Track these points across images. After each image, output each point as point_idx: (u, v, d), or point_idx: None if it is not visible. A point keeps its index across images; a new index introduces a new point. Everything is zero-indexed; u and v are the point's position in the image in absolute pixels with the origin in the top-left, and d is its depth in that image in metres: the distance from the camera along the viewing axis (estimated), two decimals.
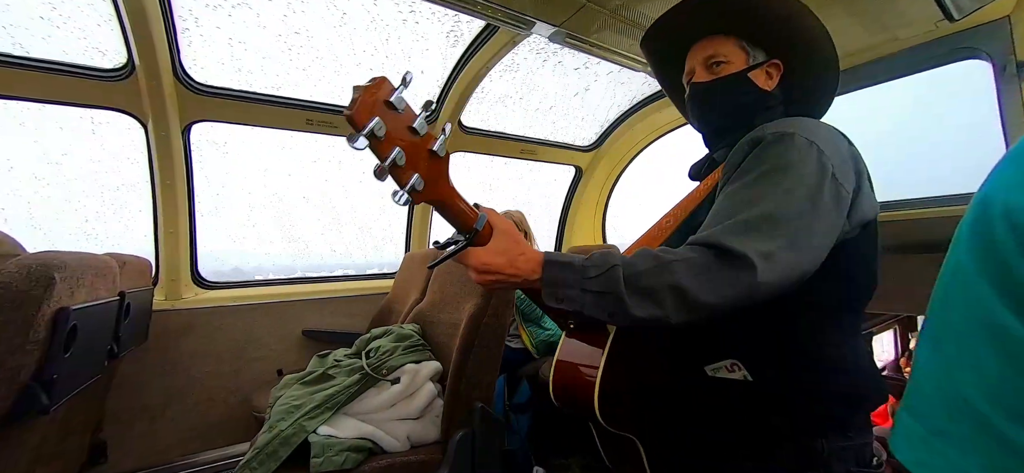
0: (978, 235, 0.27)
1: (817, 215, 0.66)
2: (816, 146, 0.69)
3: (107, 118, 1.73)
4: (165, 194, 1.85)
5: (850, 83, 1.73)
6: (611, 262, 0.67)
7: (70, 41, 1.50)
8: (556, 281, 0.68)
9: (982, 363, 0.26)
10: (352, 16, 1.61)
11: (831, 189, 0.68)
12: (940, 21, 1.38)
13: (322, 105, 2.01)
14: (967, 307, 0.27)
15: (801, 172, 0.68)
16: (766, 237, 0.64)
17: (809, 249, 0.66)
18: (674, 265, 0.64)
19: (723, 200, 0.71)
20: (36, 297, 0.93)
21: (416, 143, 0.61)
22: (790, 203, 0.66)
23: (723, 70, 0.87)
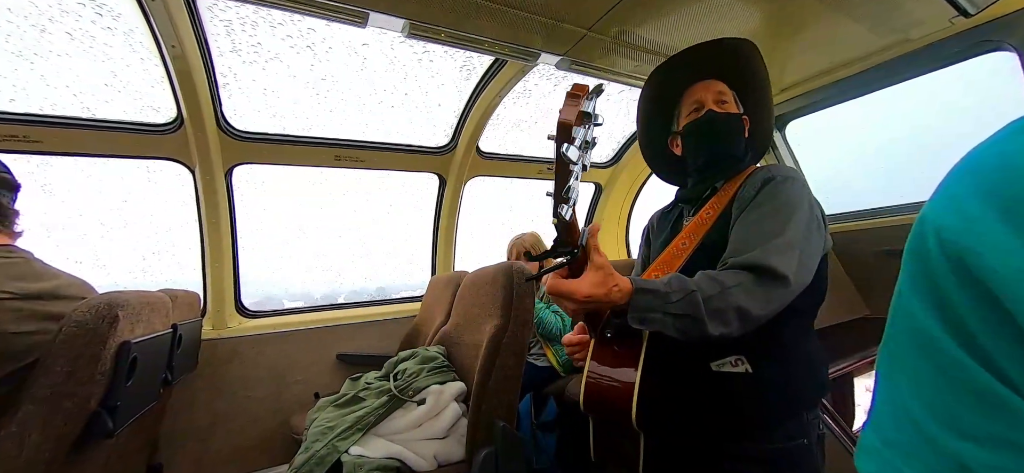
0: (913, 253, 0.28)
1: (813, 241, 0.85)
2: (808, 188, 0.91)
3: (160, 167, 1.93)
4: (211, 232, 2.02)
5: (862, 87, 1.70)
6: (689, 287, 0.77)
7: (128, 102, 1.69)
8: (643, 306, 0.77)
9: (919, 375, 0.27)
10: (372, 60, 1.73)
11: (817, 223, 0.87)
12: (954, 18, 1.35)
13: (348, 142, 2.15)
14: (906, 322, 0.28)
15: (803, 208, 0.86)
16: (792, 258, 0.80)
17: (808, 270, 0.83)
18: (734, 290, 0.77)
19: (748, 226, 0.86)
20: (103, 333, 1.05)
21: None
22: (799, 231, 0.83)
23: (729, 108, 1.01)
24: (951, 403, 0.25)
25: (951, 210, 0.26)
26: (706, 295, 0.76)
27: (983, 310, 0.23)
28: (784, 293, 0.78)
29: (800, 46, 1.56)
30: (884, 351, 0.32)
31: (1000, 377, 0.23)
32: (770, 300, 0.78)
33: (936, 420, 0.26)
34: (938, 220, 0.26)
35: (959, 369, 0.25)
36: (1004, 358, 0.23)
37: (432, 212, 2.60)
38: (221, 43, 1.55)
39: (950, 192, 0.27)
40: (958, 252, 0.24)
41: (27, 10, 1.31)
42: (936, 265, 0.26)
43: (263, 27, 1.50)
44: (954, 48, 1.46)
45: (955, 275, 0.25)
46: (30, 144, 1.59)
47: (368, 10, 1.23)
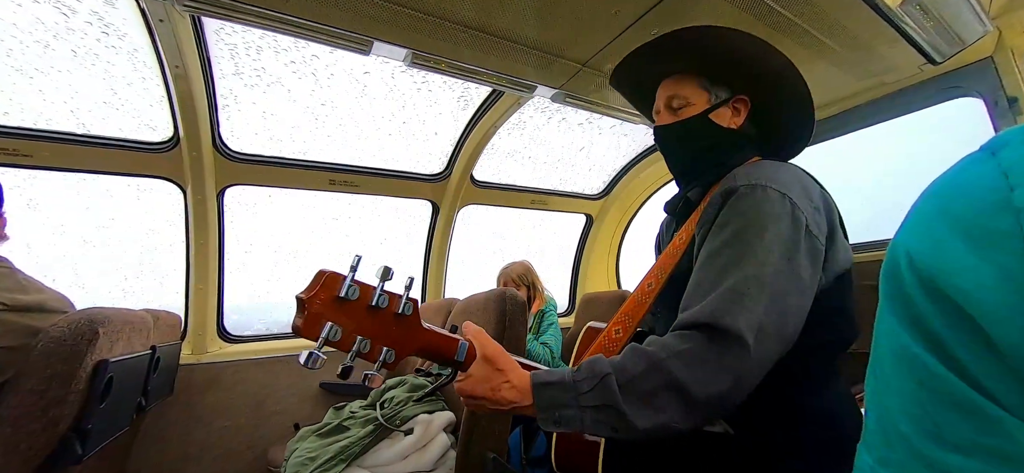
0: (888, 276, 0.30)
1: (796, 274, 0.65)
2: (789, 199, 0.68)
3: (151, 185, 1.91)
4: (198, 253, 1.98)
5: (842, 127, 1.79)
6: (601, 371, 0.63)
7: (126, 120, 1.69)
8: (550, 403, 0.64)
9: (903, 392, 0.28)
10: (372, 88, 1.77)
11: (807, 245, 0.66)
12: (924, 65, 1.45)
13: (344, 166, 2.16)
14: (887, 341, 0.30)
15: (776, 228, 0.66)
16: (749, 310, 0.61)
17: (791, 312, 0.63)
18: (668, 363, 0.61)
19: (703, 266, 0.69)
20: (81, 351, 1.01)
21: (379, 318, 0.61)
22: (768, 265, 0.64)
23: (685, 112, 0.86)
24: (935, 416, 0.26)
25: (920, 235, 0.28)
26: (630, 376, 0.61)
27: (955, 325, 0.25)
28: (746, 362, 0.60)
29: None
30: (871, 373, 0.33)
31: (976, 387, 0.24)
32: (723, 373, 0.60)
33: (923, 434, 0.27)
34: (908, 245, 0.29)
35: (939, 382, 0.26)
36: (978, 368, 0.24)
37: (424, 239, 2.60)
38: (224, 66, 1.58)
39: (918, 218, 0.29)
40: (929, 273, 0.26)
41: (32, 26, 1.32)
42: (909, 286, 0.28)
43: (268, 52, 1.54)
44: (925, 93, 1.56)
45: (928, 295, 0.26)
46: (20, 158, 1.57)
47: (373, 39, 1.28)
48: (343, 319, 0.56)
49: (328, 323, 0.55)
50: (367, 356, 0.60)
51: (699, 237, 0.75)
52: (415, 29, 1.25)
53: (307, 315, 0.54)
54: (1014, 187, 0.24)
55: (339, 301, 0.57)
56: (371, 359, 0.60)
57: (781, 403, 0.71)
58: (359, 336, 0.58)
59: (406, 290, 0.64)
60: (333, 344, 0.56)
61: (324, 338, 0.54)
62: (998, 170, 0.25)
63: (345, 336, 0.56)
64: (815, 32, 1.28)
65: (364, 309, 0.59)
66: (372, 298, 0.60)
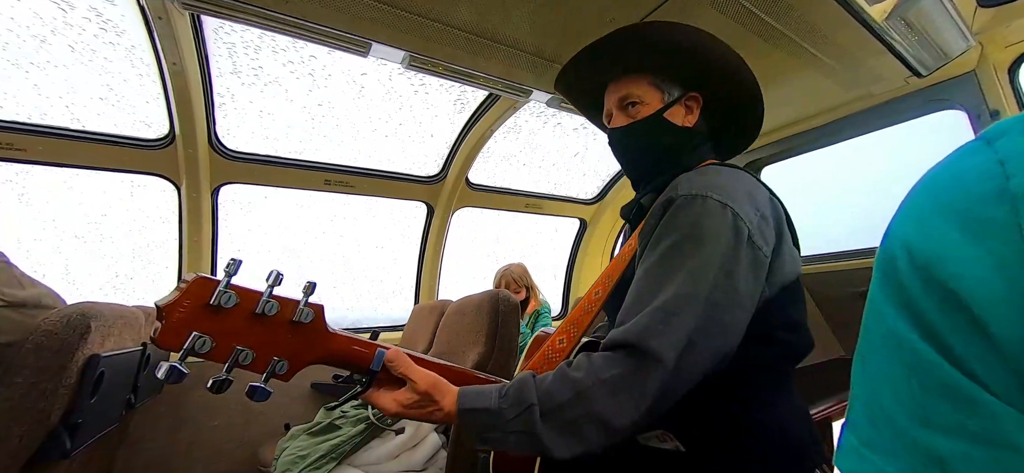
0: (882, 264, 0.31)
1: (734, 288, 0.62)
2: (730, 209, 0.65)
3: (145, 182, 1.90)
4: (191, 251, 1.98)
5: (831, 137, 1.83)
6: (527, 400, 0.62)
7: (121, 116, 1.69)
8: (476, 427, 0.63)
9: (891, 374, 0.29)
10: (370, 90, 1.78)
11: (748, 255, 0.64)
12: (909, 77, 1.48)
13: (339, 167, 2.17)
14: (877, 326, 0.31)
15: (715, 240, 0.64)
16: (680, 327, 0.60)
17: (728, 328, 0.62)
18: (593, 393, 0.60)
19: (639, 280, 0.68)
20: (72, 345, 1.00)
21: (267, 326, 0.57)
22: (704, 280, 0.62)
23: (639, 112, 0.83)
24: (921, 398, 0.27)
25: (915, 223, 0.29)
26: (554, 404, 0.60)
27: (950, 313, 0.26)
28: (668, 382, 0.59)
29: (774, 97, 1.67)
30: (858, 356, 0.34)
31: (964, 371, 0.25)
32: (645, 397, 0.59)
33: (908, 415, 0.28)
34: (904, 233, 0.29)
35: (927, 365, 0.27)
36: (969, 355, 0.25)
37: (418, 241, 2.60)
38: (222, 64, 1.59)
39: (913, 207, 0.30)
40: (925, 262, 0.27)
41: (30, 21, 1.32)
42: (904, 274, 0.28)
43: (266, 51, 1.55)
44: (911, 105, 1.60)
45: (923, 283, 0.27)
46: (13, 151, 1.57)
47: (371, 40, 1.29)
48: (215, 328, 0.52)
49: (193, 333, 0.51)
50: (251, 367, 0.56)
51: (640, 248, 0.73)
52: (413, 32, 1.27)
53: (165, 325, 0.50)
54: (1010, 176, 0.24)
55: (210, 309, 0.53)
56: (256, 370, 0.56)
57: (731, 420, 0.69)
58: (238, 346, 0.54)
59: (305, 295, 0.60)
60: (201, 355, 0.52)
61: (187, 349, 0.50)
62: (994, 159, 0.25)
63: (218, 347, 0.52)
64: (804, 44, 1.31)
65: (246, 317, 0.55)
66: (256, 305, 0.55)
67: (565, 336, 0.83)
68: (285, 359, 0.57)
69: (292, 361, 0.58)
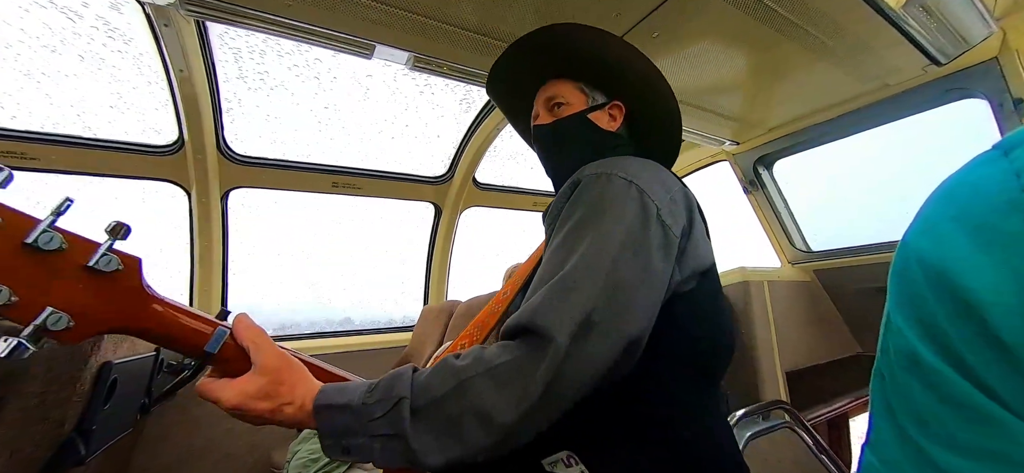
0: (897, 277, 0.30)
1: (640, 265, 0.56)
2: (635, 186, 0.61)
3: (156, 187, 1.92)
4: (202, 255, 2.00)
5: (844, 130, 1.78)
6: (398, 393, 0.52)
7: (131, 123, 1.71)
8: (337, 430, 0.52)
9: (910, 393, 0.28)
10: (375, 91, 1.78)
11: (657, 233, 0.59)
12: (927, 66, 1.44)
13: (347, 169, 2.17)
14: (895, 342, 0.30)
15: (620, 216, 0.58)
16: (576, 301, 0.52)
17: (635, 309, 0.54)
18: (476, 383, 0.50)
19: (543, 264, 0.61)
20: (85, 351, 1.01)
21: (46, 265, 0.44)
22: (606, 253, 0.55)
23: (564, 111, 0.86)
24: (942, 418, 0.26)
25: (930, 235, 0.28)
26: (431, 398, 0.51)
27: (965, 327, 0.25)
28: (561, 365, 0.49)
29: (786, 90, 1.64)
30: (876, 374, 0.33)
31: (981, 386, 0.24)
32: (534, 386, 0.49)
33: (929, 436, 0.27)
34: (918, 245, 0.28)
35: (946, 384, 0.26)
36: (987, 372, 0.24)
37: (426, 242, 2.60)
38: (228, 69, 1.59)
39: (928, 218, 0.29)
40: (938, 273, 0.26)
41: (40, 31, 1.34)
42: (919, 287, 0.27)
43: (271, 56, 1.55)
44: (929, 95, 1.55)
45: (937, 295, 0.26)
46: (27, 161, 1.59)
47: (375, 42, 1.28)
48: None
49: None
50: (10, 313, 0.42)
51: (547, 235, 0.69)
52: (417, 32, 1.26)
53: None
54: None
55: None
56: (17, 318, 0.42)
57: (645, 438, 0.61)
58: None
59: (111, 237, 0.47)
60: None
61: None
62: (1010, 170, 0.25)
63: None
64: (816, 34, 1.28)
65: (13, 248, 0.43)
66: (29, 234, 0.43)
67: (467, 340, 0.78)
68: (67, 313, 0.43)
69: (80, 319, 0.44)
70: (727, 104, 1.74)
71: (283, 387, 0.53)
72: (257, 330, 0.56)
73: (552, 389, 0.50)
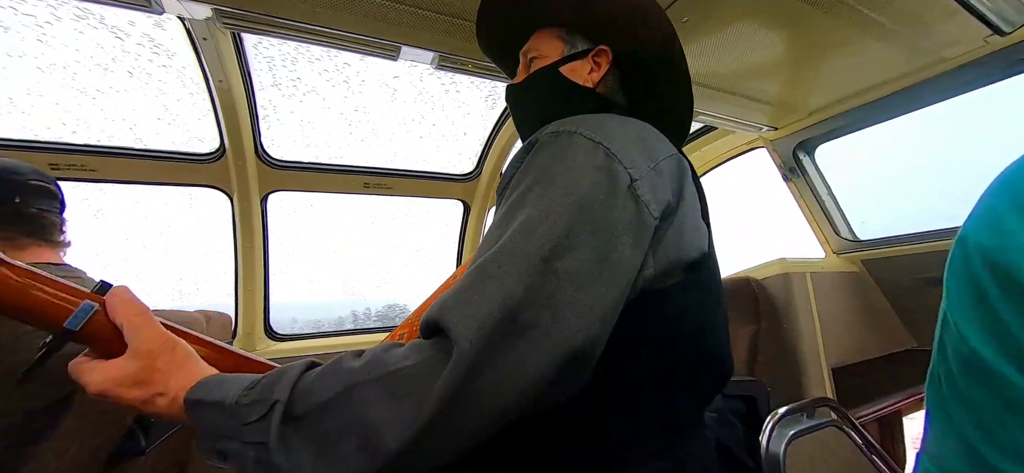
0: (957, 275, 0.28)
1: (595, 251, 0.42)
2: (603, 148, 0.47)
3: (202, 194, 2.03)
4: (245, 256, 2.10)
5: (895, 109, 1.66)
6: (275, 396, 0.42)
7: (177, 134, 1.81)
8: (210, 431, 0.44)
9: (975, 402, 0.26)
10: (402, 92, 1.82)
11: (626, 210, 0.45)
12: (989, 36, 1.32)
13: (377, 169, 2.22)
14: (956, 347, 0.27)
15: (574, 184, 0.44)
16: (493, 292, 0.39)
17: (582, 309, 0.40)
18: (367, 390, 0.39)
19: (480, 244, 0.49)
20: None
21: None
22: (544, 234, 0.42)
23: (536, 66, 0.73)
24: (1008, 426, 0.24)
25: (991, 227, 0.26)
26: (311, 404, 0.41)
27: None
28: (463, 378, 0.37)
29: (828, 71, 1.55)
30: (933, 376, 0.30)
31: None
32: (429, 399, 0.37)
33: (993, 446, 0.25)
34: (980, 239, 0.26)
35: (1011, 388, 0.24)
36: None
37: (456, 239, 2.63)
38: (263, 78, 1.66)
39: (989, 209, 0.27)
40: (1002, 268, 0.24)
41: (93, 51, 1.44)
42: (984, 286, 0.25)
43: (302, 63, 1.60)
44: (991, 68, 1.42)
45: (1004, 294, 0.24)
46: (87, 172, 1.71)
47: (401, 44, 1.30)
48: None
49: None
50: None
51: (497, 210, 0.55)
52: (441, 32, 1.27)
53: None
54: None
55: None
56: None
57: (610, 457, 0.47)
58: None
59: None
60: None
61: None
62: None
63: None
64: (863, 9, 1.20)
65: None
66: None
67: (406, 330, 0.66)
68: None
69: None
70: (763, 88, 1.66)
71: (157, 375, 0.45)
72: (138, 307, 0.48)
73: (453, 408, 0.37)
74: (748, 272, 1.95)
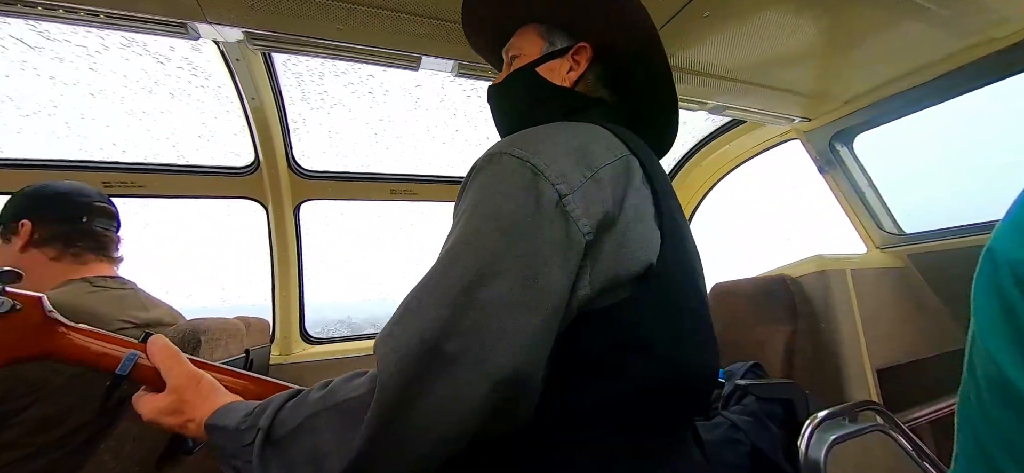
0: (986, 291, 0.26)
1: (519, 276, 0.41)
2: (530, 166, 0.47)
3: (239, 206, 2.14)
4: (280, 263, 2.19)
5: (939, 94, 1.55)
6: (259, 423, 0.47)
7: (215, 149, 1.91)
8: (223, 452, 0.50)
9: (1005, 430, 0.25)
10: (425, 100, 1.85)
11: (554, 228, 0.44)
12: None
13: (402, 176, 2.27)
14: (986, 368, 0.26)
15: (495, 209, 0.45)
16: (413, 325, 0.41)
17: (507, 337, 0.40)
18: (321, 419, 0.42)
19: None
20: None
21: None
22: (466, 262, 0.43)
23: (516, 66, 0.71)
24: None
25: (1022, 240, 0.24)
26: (285, 431, 0.45)
27: None
28: (388, 412, 0.39)
29: (865, 55, 1.47)
30: (963, 395, 0.29)
31: None
32: (362, 429, 0.40)
33: None
34: (1009, 253, 0.25)
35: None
36: None
37: None
38: (292, 93, 1.73)
39: (1019, 220, 0.25)
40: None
41: (138, 75, 1.54)
42: (1013, 302, 0.24)
43: (329, 77, 1.66)
44: None
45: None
46: (136, 188, 1.84)
47: (421, 55, 1.33)
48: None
49: None
50: None
51: None
52: (459, 41, 1.28)
53: None
54: None
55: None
56: None
57: None
58: None
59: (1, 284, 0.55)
60: None
61: None
62: None
63: None
64: None
65: None
66: None
67: None
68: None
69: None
70: (794, 78, 1.59)
71: (186, 405, 0.54)
72: (170, 351, 0.58)
73: (386, 438, 0.39)
74: (782, 270, 1.87)
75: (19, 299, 0.57)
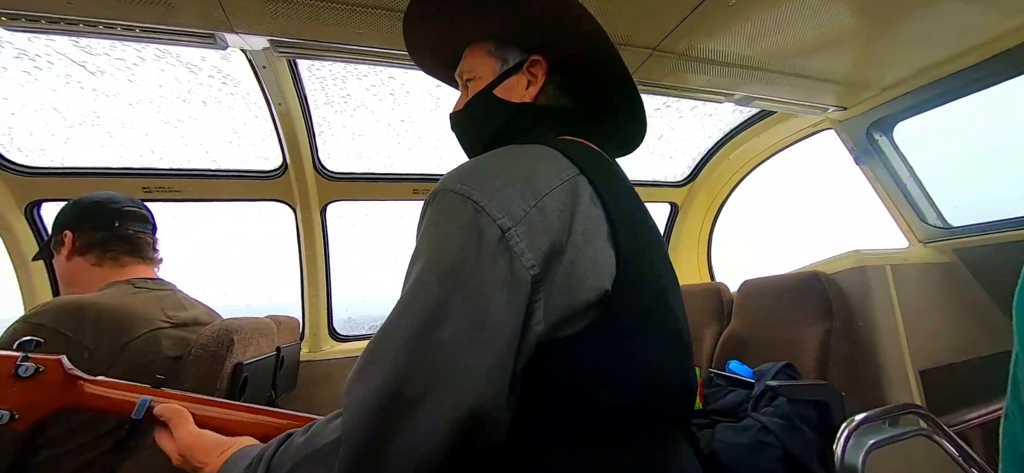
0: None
1: (467, 317, 0.42)
2: (471, 203, 0.46)
3: (269, 207, 2.21)
4: (309, 263, 2.25)
5: (987, 78, 1.45)
6: (251, 466, 0.48)
7: (245, 154, 1.98)
8: None
9: None
10: (444, 100, 1.86)
11: (497, 266, 0.44)
12: None
13: (424, 176, 2.30)
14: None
15: (439, 251, 0.46)
16: (372, 376, 0.42)
17: (468, 367, 0.41)
18: (302, 467, 0.44)
19: None
20: (222, 355, 1.20)
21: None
22: (413, 307, 0.43)
23: (472, 90, 0.69)
24: None
25: None
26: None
27: None
28: (363, 459, 0.40)
29: (903, 40, 1.38)
30: (1009, 416, 0.28)
31: None
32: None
33: None
34: None
35: None
36: None
37: None
38: (317, 97, 1.77)
39: None
40: None
41: (172, 85, 1.60)
42: None
43: (351, 80, 1.69)
44: None
45: None
46: (173, 193, 1.92)
47: None
48: None
49: None
50: None
51: None
52: None
53: None
54: None
55: None
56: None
57: None
58: None
59: (24, 351, 0.62)
60: None
61: None
62: None
63: None
64: None
65: None
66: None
67: None
68: (12, 410, 0.60)
69: (21, 411, 0.61)
70: (827, 66, 1.51)
71: (194, 460, 0.56)
72: (175, 409, 0.61)
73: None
74: (816, 266, 1.80)
75: (41, 362, 0.62)
